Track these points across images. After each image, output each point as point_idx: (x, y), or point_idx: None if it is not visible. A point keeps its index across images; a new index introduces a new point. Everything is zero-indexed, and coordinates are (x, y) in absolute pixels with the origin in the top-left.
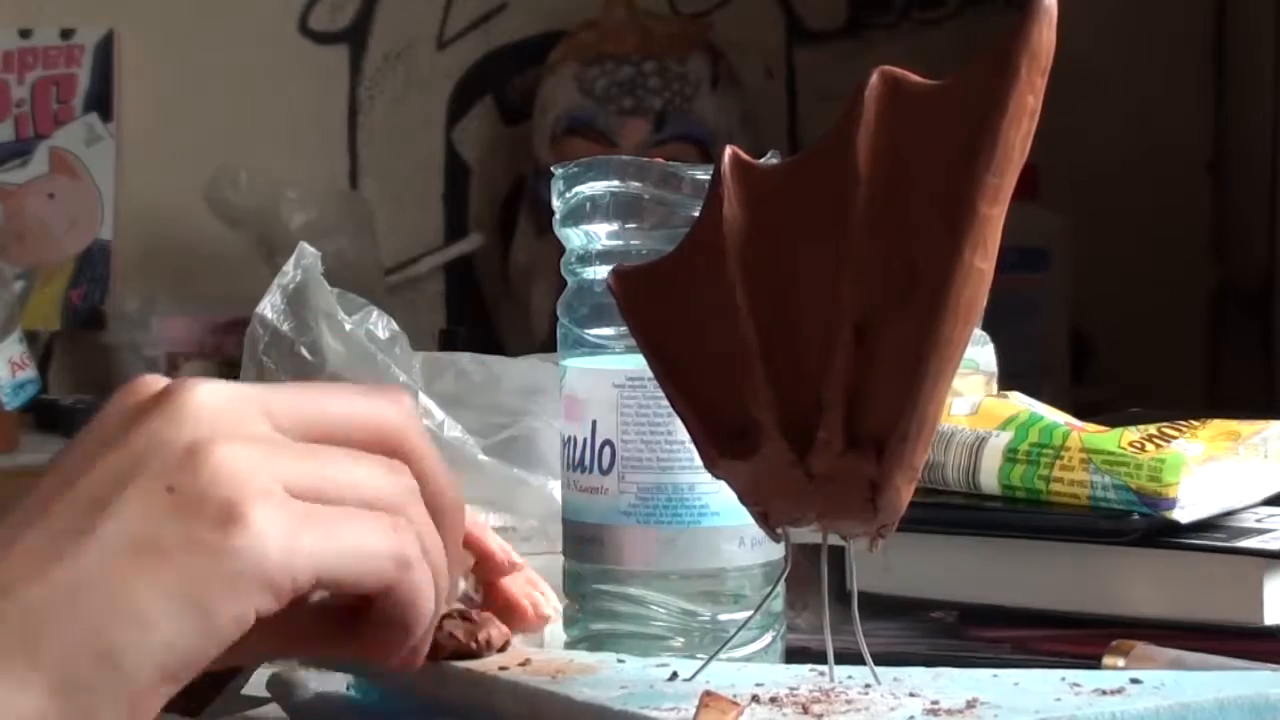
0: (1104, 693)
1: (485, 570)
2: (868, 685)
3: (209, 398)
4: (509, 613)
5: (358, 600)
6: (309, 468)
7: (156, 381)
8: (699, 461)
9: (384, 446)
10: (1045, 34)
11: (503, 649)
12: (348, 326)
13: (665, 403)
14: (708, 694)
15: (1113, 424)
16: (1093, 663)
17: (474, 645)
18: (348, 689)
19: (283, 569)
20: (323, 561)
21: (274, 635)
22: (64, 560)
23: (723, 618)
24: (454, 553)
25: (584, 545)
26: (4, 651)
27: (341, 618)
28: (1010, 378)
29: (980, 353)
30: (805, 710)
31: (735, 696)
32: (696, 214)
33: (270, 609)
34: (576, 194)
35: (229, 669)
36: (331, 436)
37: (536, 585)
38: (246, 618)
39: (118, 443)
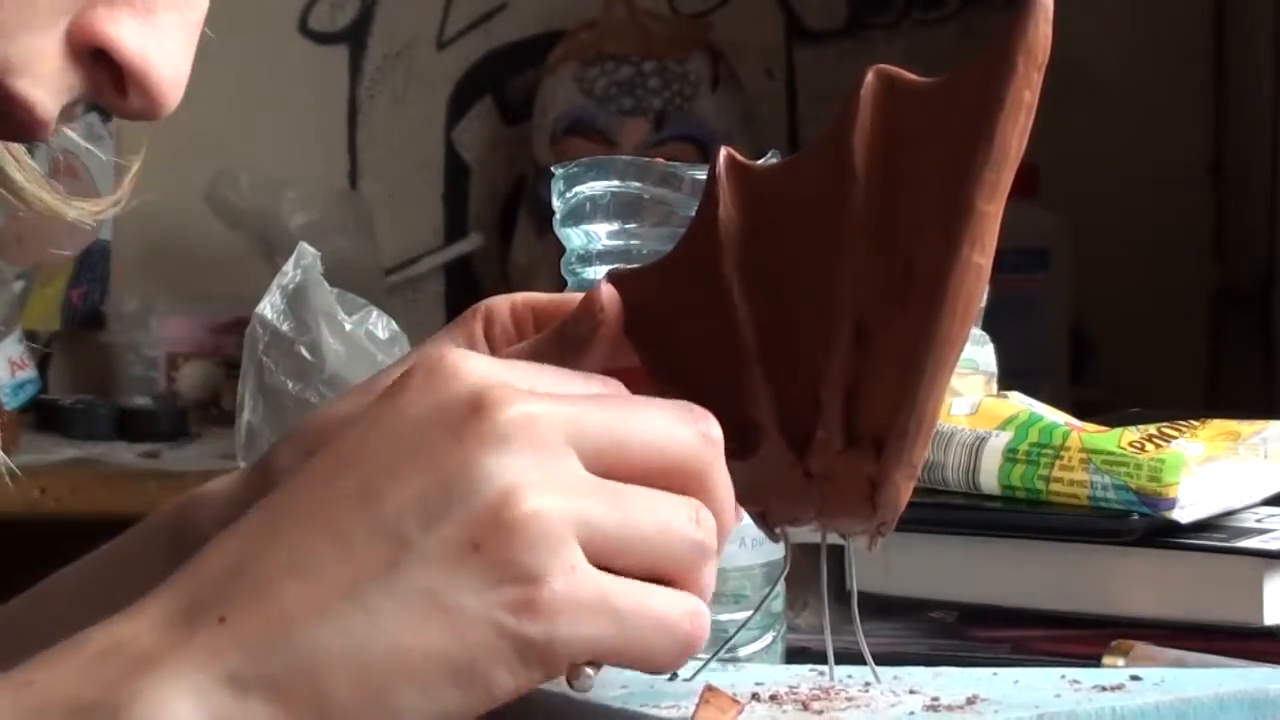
0: (1104, 689)
1: None
2: (868, 683)
3: (524, 423)
4: None
5: None
6: (613, 523)
7: (463, 370)
8: None
9: (684, 479)
10: (1042, 30)
11: None
12: (348, 326)
13: None
14: (709, 688)
15: (1113, 424)
16: (1092, 663)
17: None
18: None
19: (565, 654)
20: (605, 649)
21: None
22: (358, 603)
23: (723, 618)
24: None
25: None
26: (287, 689)
27: None
28: (1010, 378)
29: (980, 353)
30: (805, 707)
31: (735, 696)
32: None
33: (540, 683)
34: (576, 194)
35: None
36: (634, 470)
37: None
38: (519, 692)
39: (425, 458)
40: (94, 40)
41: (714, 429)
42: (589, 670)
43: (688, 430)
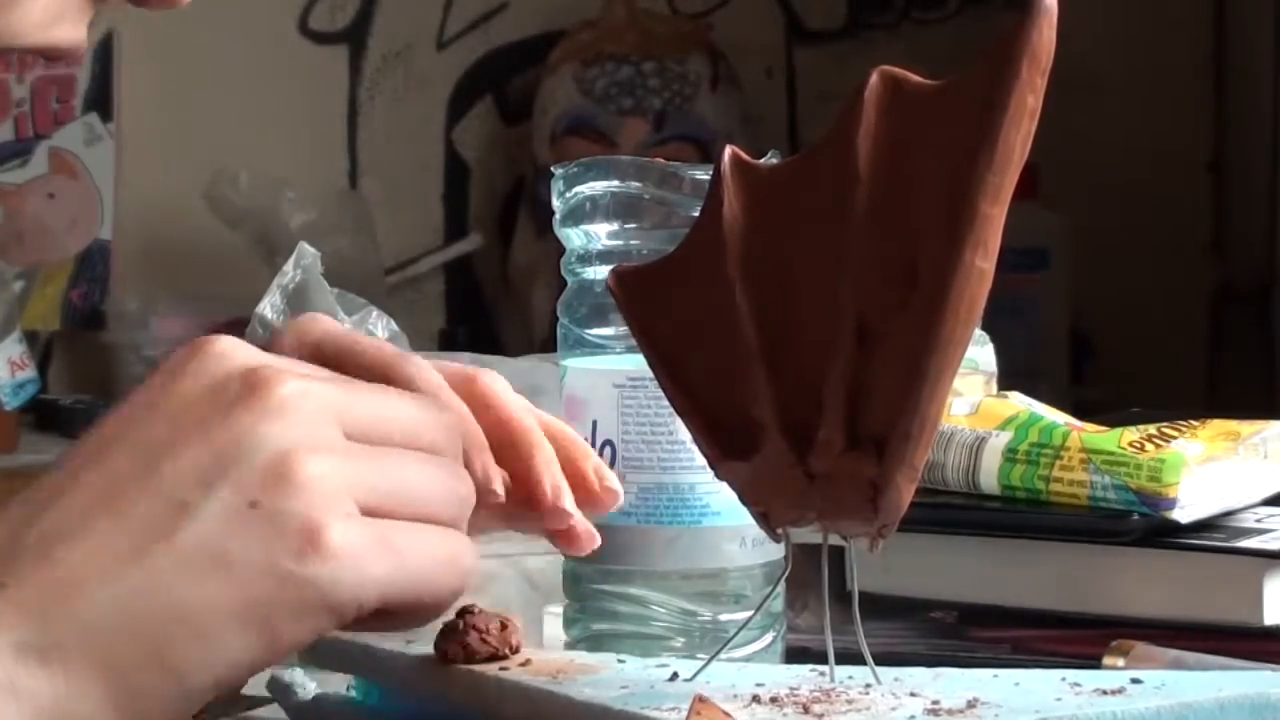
0: (1104, 692)
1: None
2: (868, 685)
3: (295, 397)
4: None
5: None
6: (382, 481)
7: (233, 352)
8: (700, 461)
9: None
10: (1045, 34)
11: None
12: (347, 326)
13: (666, 403)
14: (699, 699)
15: (1113, 424)
16: (1093, 663)
17: (507, 651)
18: (348, 689)
19: (351, 599)
20: (388, 590)
21: None
22: (139, 565)
23: (723, 618)
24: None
25: None
26: (69, 650)
27: None
28: (1010, 378)
29: (980, 353)
30: (806, 710)
31: (735, 696)
32: (696, 214)
33: (330, 630)
34: (576, 194)
35: None
36: (395, 438)
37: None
38: (307, 640)
39: (203, 433)
40: None
41: (467, 414)
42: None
43: (443, 414)
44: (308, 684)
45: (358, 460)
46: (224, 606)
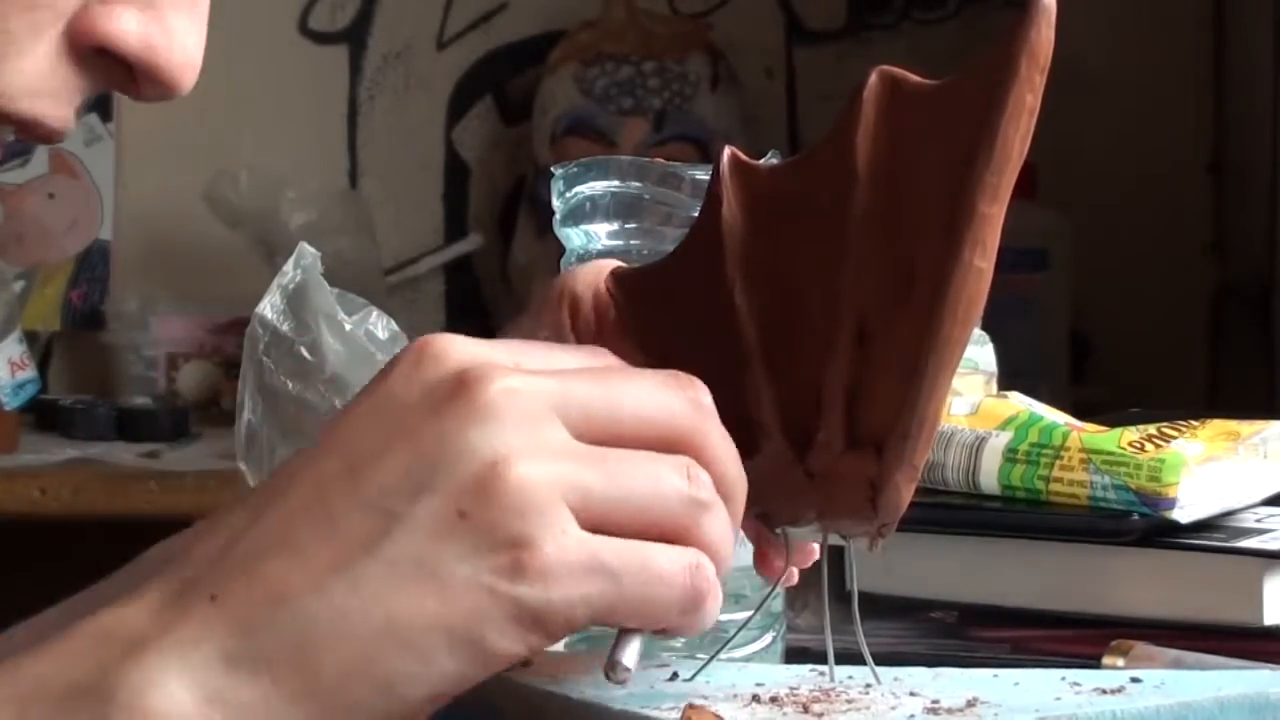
0: (1104, 691)
1: None
2: (868, 685)
3: (505, 398)
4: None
5: None
6: (602, 486)
7: (450, 352)
8: None
9: (677, 446)
10: (1044, 33)
11: None
12: (348, 326)
13: None
14: (691, 706)
15: (1113, 424)
16: (1093, 663)
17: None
18: None
19: (563, 616)
20: (602, 609)
21: None
22: (346, 577)
23: (723, 618)
24: (728, 549)
25: None
26: (278, 662)
27: None
28: (1010, 378)
29: (980, 353)
30: (806, 710)
31: (735, 696)
32: (696, 214)
33: (542, 647)
34: (576, 194)
35: None
36: (623, 438)
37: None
38: (519, 655)
39: (410, 436)
40: (94, 40)
41: (704, 395)
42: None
43: (676, 397)
44: None
45: (575, 463)
46: (433, 620)
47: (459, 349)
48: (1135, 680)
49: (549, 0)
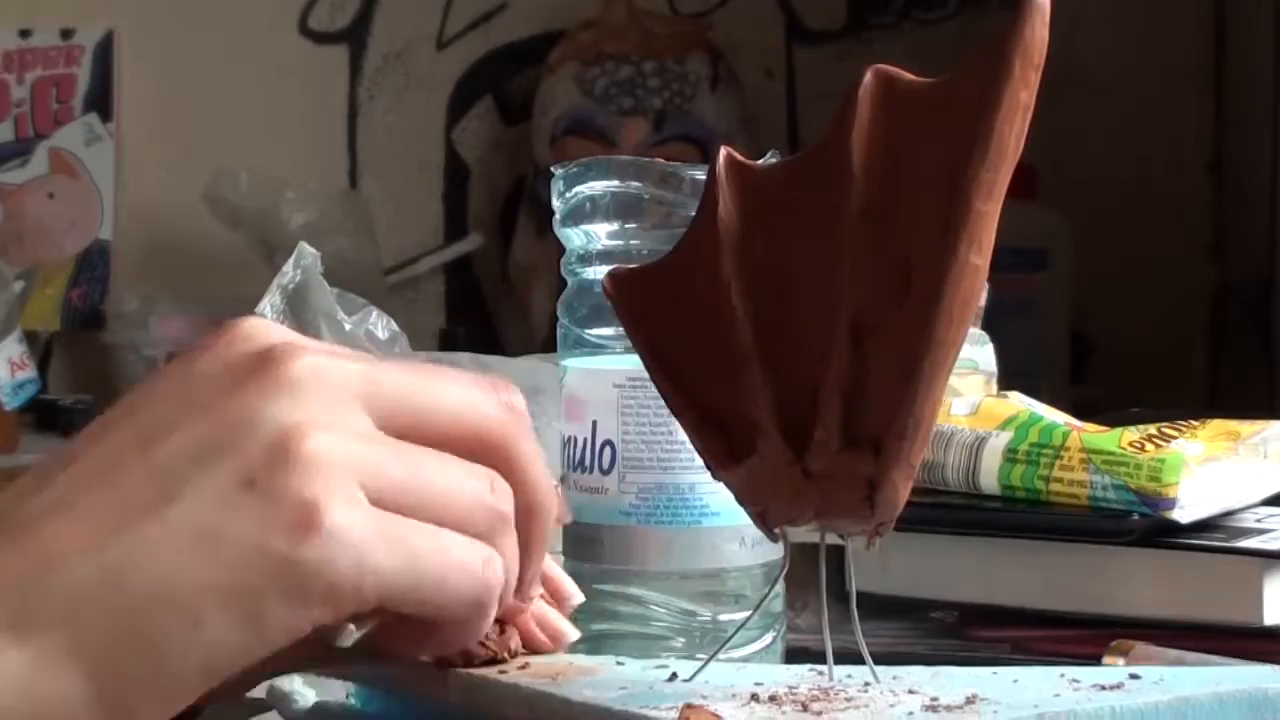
0: (1103, 688)
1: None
2: (867, 683)
3: (310, 375)
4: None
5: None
6: (400, 473)
7: (259, 333)
8: (699, 462)
9: (485, 451)
10: (1038, 30)
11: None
12: (348, 326)
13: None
14: (689, 706)
15: (1113, 424)
16: (1092, 663)
17: (505, 655)
18: (348, 697)
19: (349, 588)
20: (393, 586)
21: (308, 641)
22: (121, 538)
23: (723, 618)
24: (533, 567)
25: (584, 545)
26: (44, 626)
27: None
28: (1010, 378)
29: (980, 353)
30: (805, 708)
31: (734, 695)
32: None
33: (326, 622)
34: (576, 194)
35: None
36: (430, 434)
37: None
38: (300, 629)
39: (206, 408)
40: None
41: (517, 399)
42: (351, 625)
43: (487, 398)
44: (307, 692)
45: (372, 446)
46: (209, 586)
47: (271, 331)
48: (1134, 676)
49: (549, 0)
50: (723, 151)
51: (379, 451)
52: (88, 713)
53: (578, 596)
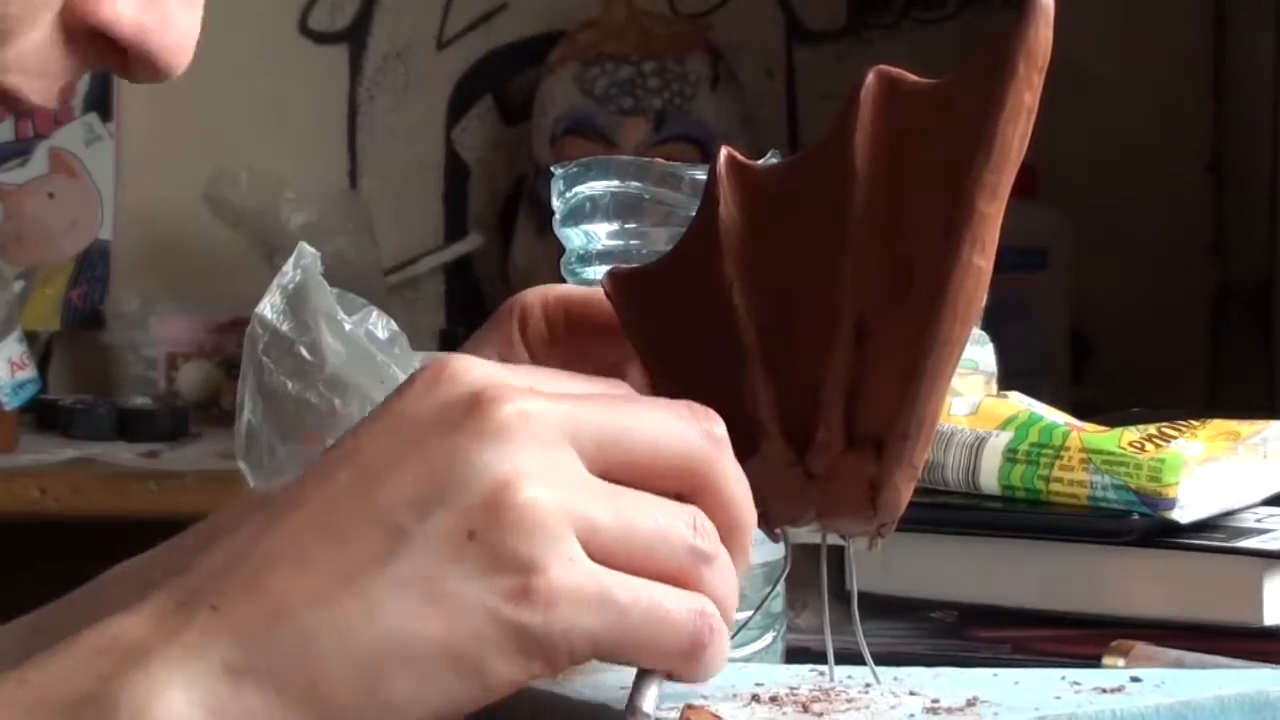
0: (1104, 691)
1: None
2: (868, 684)
3: (521, 420)
4: None
5: None
6: (609, 520)
7: (466, 372)
8: None
9: (688, 478)
10: (1042, 32)
11: None
12: (347, 326)
13: None
14: (689, 707)
15: (1113, 424)
16: (1093, 663)
17: None
18: None
19: (564, 648)
20: (605, 644)
21: None
22: (351, 591)
23: None
24: (733, 600)
25: None
26: (279, 674)
27: None
28: (1010, 378)
29: (980, 353)
30: (806, 709)
31: (735, 696)
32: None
33: (543, 677)
34: (576, 194)
35: None
36: (635, 466)
37: None
38: (520, 683)
39: (423, 452)
40: (89, 23)
41: (718, 427)
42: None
43: (690, 428)
44: None
45: (584, 495)
46: (436, 641)
47: (476, 370)
48: (1135, 679)
49: (549, 0)
50: (723, 151)
51: (589, 502)
52: None
53: None
